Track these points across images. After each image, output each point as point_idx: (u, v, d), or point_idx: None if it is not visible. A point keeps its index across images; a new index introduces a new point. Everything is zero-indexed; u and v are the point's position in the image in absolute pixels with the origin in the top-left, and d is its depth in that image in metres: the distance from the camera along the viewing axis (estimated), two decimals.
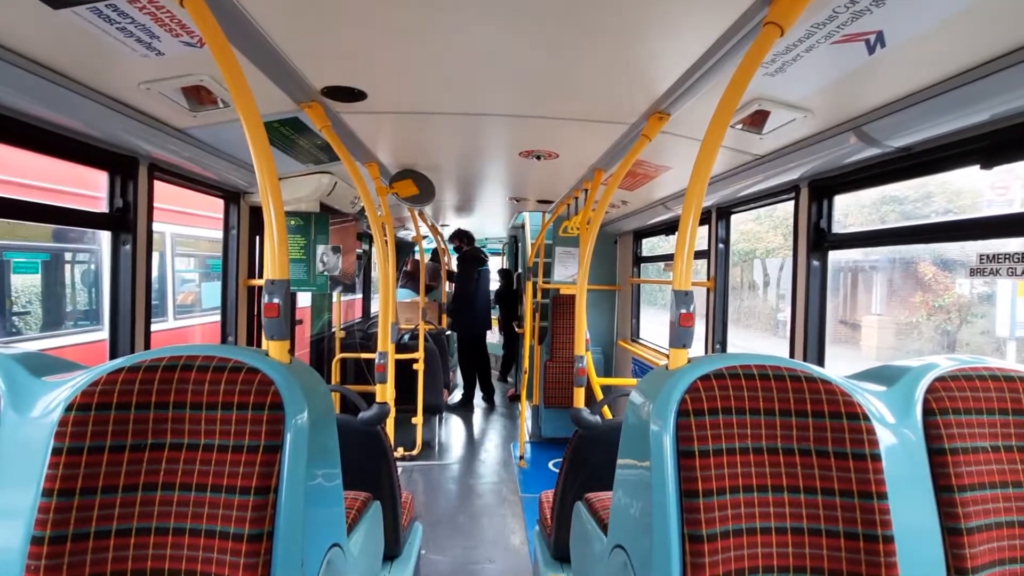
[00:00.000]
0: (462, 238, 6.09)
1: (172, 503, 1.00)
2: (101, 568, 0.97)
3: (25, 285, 4.13)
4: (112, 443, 1.00)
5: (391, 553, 2.29)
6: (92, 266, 4.60)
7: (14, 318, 4.04)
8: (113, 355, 2.00)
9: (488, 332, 6.45)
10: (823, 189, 2.13)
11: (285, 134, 2.09)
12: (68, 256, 4.49)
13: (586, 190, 2.96)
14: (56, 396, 1.03)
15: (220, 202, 2.70)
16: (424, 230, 5.54)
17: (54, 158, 1.71)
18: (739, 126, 1.79)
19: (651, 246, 4.84)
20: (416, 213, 4.32)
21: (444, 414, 5.37)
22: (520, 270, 6.80)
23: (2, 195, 1.64)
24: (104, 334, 3.78)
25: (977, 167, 1.49)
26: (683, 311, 1.19)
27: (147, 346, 2.08)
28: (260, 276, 2.85)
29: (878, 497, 1.02)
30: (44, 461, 0.97)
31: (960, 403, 1.11)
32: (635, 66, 1.48)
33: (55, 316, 4.33)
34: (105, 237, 2.38)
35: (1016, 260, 1.41)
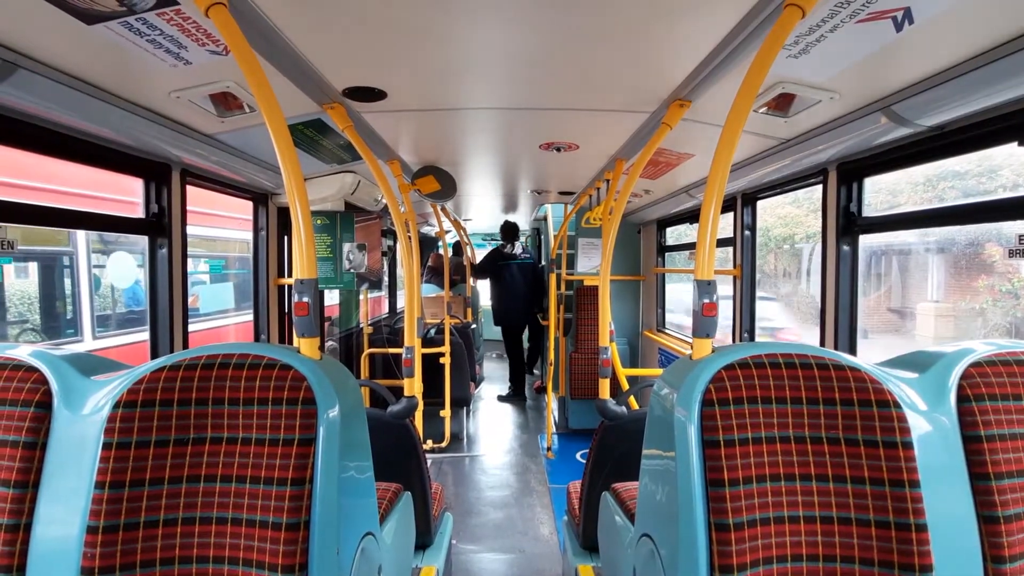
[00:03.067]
0: (501, 232, 6.12)
1: (214, 494, 1.05)
2: (151, 555, 1.02)
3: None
4: (157, 438, 1.05)
5: (423, 542, 2.34)
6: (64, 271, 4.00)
7: None
8: (154, 355, 2.09)
9: (524, 326, 6.42)
10: (852, 172, 2.08)
11: (309, 135, 2.14)
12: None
13: (607, 180, 2.94)
14: (104, 394, 1.09)
15: None
16: (447, 225, 5.58)
17: (93, 167, 1.79)
18: (763, 110, 1.75)
19: (676, 235, 4.78)
20: (438, 208, 4.36)
21: (471, 406, 5.43)
22: (543, 262, 6.79)
23: (45, 204, 1.73)
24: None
25: (1015, 144, 1.43)
26: (706, 301, 1.18)
27: (185, 345, 2.16)
28: (289, 275, 2.92)
29: (910, 485, 1.00)
30: (96, 455, 1.03)
31: (997, 389, 1.08)
32: (654, 54, 1.47)
33: None
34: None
35: None
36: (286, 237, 2.95)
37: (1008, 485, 1.04)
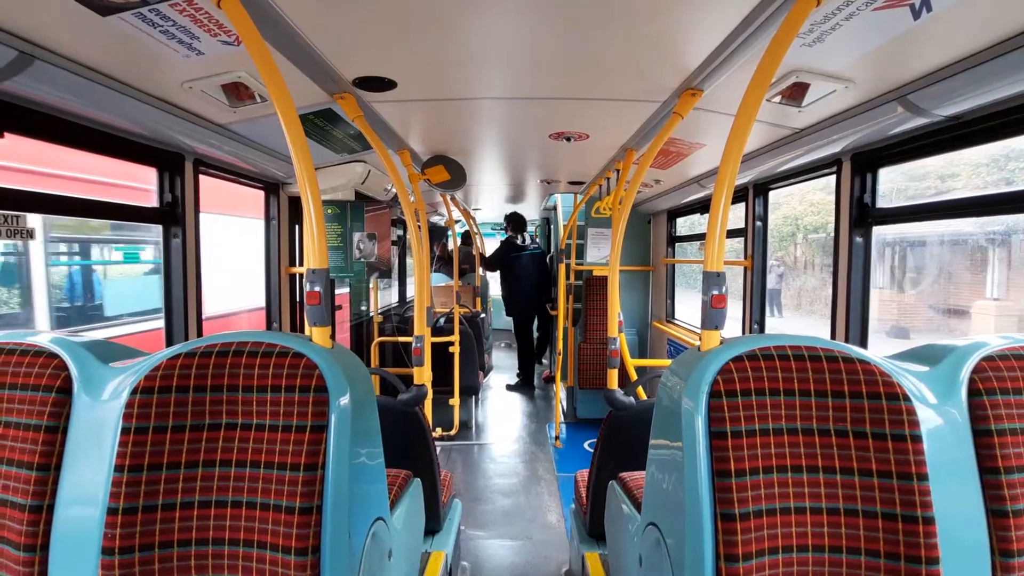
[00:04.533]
0: (507, 223, 6.11)
1: (229, 478, 1.08)
2: (169, 536, 1.06)
3: None
4: (174, 423, 1.08)
5: (432, 528, 2.38)
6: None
7: None
8: (169, 342, 2.13)
9: (534, 316, 6.39)
10: (866, 162, 2.05)
11: (320, 125, 2.15)
12: None
13: (618, 170, 2.93)
14: (123, 380, 1.11)
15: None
16: (456, 214, 5.59)
17: (108, 157, 1.81)
18: (776, 99, 1.73)
19: (688, 225, 4.75)
20: (448, 198, 4.36)
21: (480, 395, 5.47)
22: (552, 252, 6.77)
23: (60, 193, 1.76)
24: None
25: None
26: (715, 292, 1.18)
27: (199, 333, 2.20)
28: (300, 264, 2.95)
29: (918, 478, 1.00)
30: (115, 439, 1.05)
31: (1009, 383, 1.07)
32: (665, 42, 1.45)
33: None
34: None
35: None
36: (297, 226, 2.97)
37: (1018, 479, 1.03)
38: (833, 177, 2.24)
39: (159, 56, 1.39)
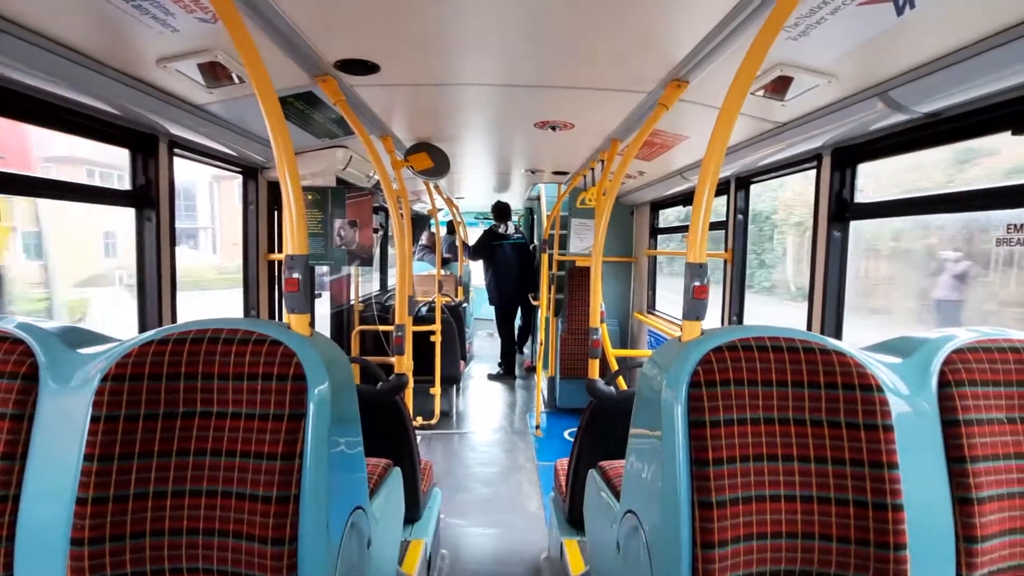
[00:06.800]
0: (493, 212, 6.08)
1: (204, 468, 1.06)
2: (140, 527, 1.03)
3: None
4: (146, 411, 1.05)
5: (412, 516, 2.38)
6: None
7: None
8: (142, 328, 2.07)
9: (517, 306, 6.36)
10: (846, 157, 2.08)
11: (300, 109, 2.10)
12: None
13: (602, 161, 2.93)
14: (92, 367, 1.08)
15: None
16: (440, 203, 5.54)
17: (77, 136, 1.74)
18: (760, 92, 1.74)
19: (669, 217, 4.78)
20: (431, 186, 4.32)
21: (461, 384, 5.47)
22: (536, 242, 6.77)
23: (29, 174, 1.69)
24: None
25: (1009, 133, 1.44)
26: (697, 283, 1.19)
27: (174, 319, 2.15)
28: (279, 250, 2.90)
29: (889, 467, 1.03)
30: (84, 428, 1.02)
31: (977, 375, 1.10)
32: (652, 32, 1.44)
33: None
34: None
35: None
36: (276, 212, 2.91)
37: (983, 468, 1.07)
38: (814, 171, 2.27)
39: (132, 32, 1.34)
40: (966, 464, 1.07)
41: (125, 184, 2.01)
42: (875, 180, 2.30)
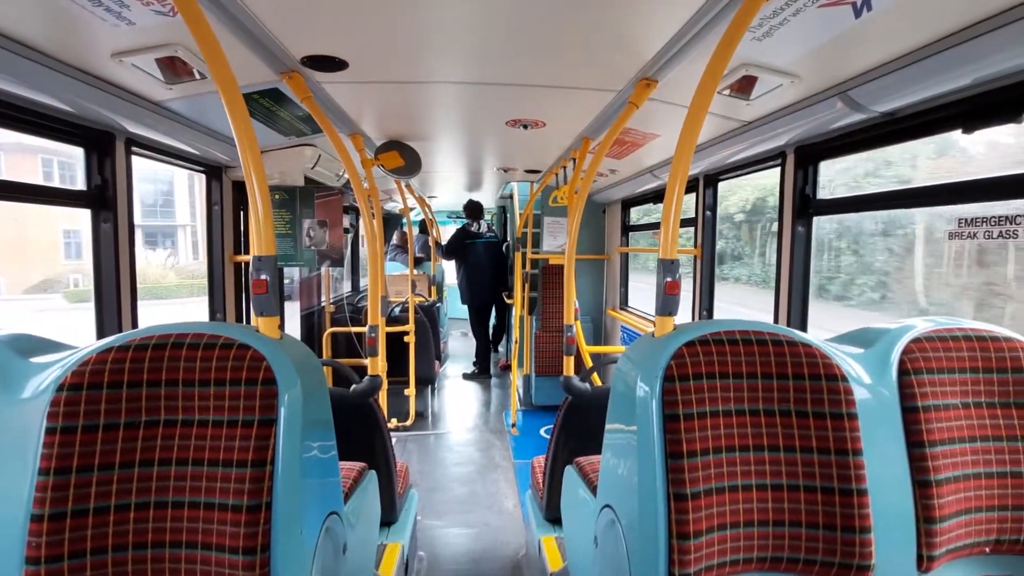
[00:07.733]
0: (466, 211, 6.03)
1: (170, 478, 1.02)
2: (102, 542, 0.99)
3: None
4: (106, 421, 1.01)
5: (388, 519, 2.35)
6: None
7: None
8: (100, 335, 1.99)
9: (491, 304, 6.34)
10: (809, 155, 2.14)
11: (266, 106, 2.04)
12: None
13: (574, 159, 2.94)
14: (45, 377, 1.03)
15: None
16: (412, 202, 5.48)
17: (27, 134, 1.66)
18: (726, 92, 1.78)
19: (639, 215, 4.84)
20: (403, 185, 4.27)
21: (436, 384, 5.43)
22: (509, 240, 6.77)
23: None
24: None
25: (959, 131, 1.50)
26: (669, 279, 1.21)
27: (135, 325, 2.07)
28: (246, 252, 2.82)
29: (853, 454, 1.06)
30: (38, 441, 0.98)
31: (934, 363, 1.15)
32: (621, 31, 1.46)
33: None
34: None
35: (992, 223, 1.44)
36: (242, 212, 2.83)
37: (940, 452, 1.12)
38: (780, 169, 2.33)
39: (85, 25, 1.28)
40: (925, 448, 1.11)
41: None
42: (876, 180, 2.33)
